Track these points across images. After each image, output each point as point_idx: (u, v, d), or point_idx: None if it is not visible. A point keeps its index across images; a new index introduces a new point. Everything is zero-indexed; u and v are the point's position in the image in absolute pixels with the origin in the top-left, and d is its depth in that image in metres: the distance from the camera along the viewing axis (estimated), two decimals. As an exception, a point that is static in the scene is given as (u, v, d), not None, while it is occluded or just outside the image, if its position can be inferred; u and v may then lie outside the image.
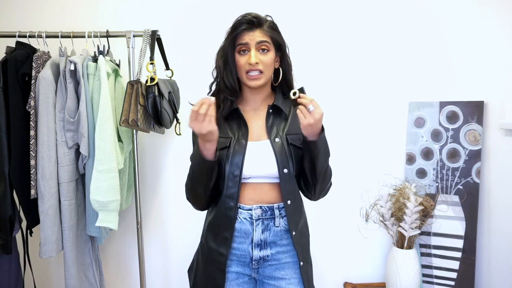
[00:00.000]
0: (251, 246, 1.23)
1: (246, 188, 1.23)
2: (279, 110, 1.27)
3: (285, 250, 1.25)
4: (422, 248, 2.00)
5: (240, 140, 1.22)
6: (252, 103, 1.30)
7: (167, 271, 2.14)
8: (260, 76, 1.21)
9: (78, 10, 1.97)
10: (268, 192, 1.23)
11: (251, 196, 1.23)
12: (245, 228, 1.22)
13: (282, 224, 1.24)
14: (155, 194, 2.10)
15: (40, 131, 1.58)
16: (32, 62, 1.60)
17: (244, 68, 1.21)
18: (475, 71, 1.95)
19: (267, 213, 1.22)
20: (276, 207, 1.23)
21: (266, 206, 1.22)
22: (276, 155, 1.20)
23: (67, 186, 1.63)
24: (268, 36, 1.22)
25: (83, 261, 1.77)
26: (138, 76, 1.66)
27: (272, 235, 1.23)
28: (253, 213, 1.22)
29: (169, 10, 2.00)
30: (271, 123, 1.25)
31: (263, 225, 1.22)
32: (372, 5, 2.00)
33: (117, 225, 1.63)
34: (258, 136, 1.25)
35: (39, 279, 1.90)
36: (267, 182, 1.23)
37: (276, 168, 1.20)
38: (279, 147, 1.21)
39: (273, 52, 1.23)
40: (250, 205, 1.22)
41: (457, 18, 1.96)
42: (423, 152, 2.01)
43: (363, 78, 2.03)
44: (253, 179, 1.22)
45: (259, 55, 1.20)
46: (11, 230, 1.63)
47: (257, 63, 1.19)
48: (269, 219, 1.22)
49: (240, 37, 1.21)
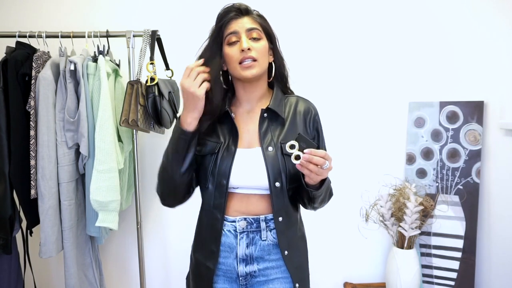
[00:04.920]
0: (236, 261, 1.11)
1: (233, 199, 1.12)
2: (275, 114, 1.13)
3: (274, 265, 1.13)
4: (422, 248, 2.00)
5: (229, 146, 1.11)
6: (246, 104, 1.17)
7: (167, 271, 2.14)
8: (254, 64, 1.08)
9: (78, 10, 1.97)
10: (256, 204, 1.12)
11: (237, 207, 1.12)
12: (229, 242, 1.11)
13: (270, 238, 1.11)
14: (155, 194, 2.07)
15: (40, 131, 1.58)
16: (32, 62, 1.60)
17: (236, 58, 1.08)
18: (475, 71, 1.95)
19: (252, 225, 1.11)
20: (262, 219, 1.11)
21: (251, 218, 1.10)
22: (268, 166, 1.08)
23: (67, 186, 1.63)
24: (258, 23, 1.11)
25: (83, 261, 1.77)
26: (138, 76, 1.66)
27: (258, 250, 1.11)
28: (237, 225, 1.11)
29: (169, 10, 2.00)
30: (265, 129, 1.12)
31: (247, 238, 1.11)
32: (372, 5, 2.00)
33: (117, 225, 1.63)
34: (249, 143, 1.13)
35: (39, 279, 1.91)
36: (256, 193, 1.12)
37: (267, 180, 1.08)
38: (271, 157, 1.08)
39: (265, 41, 1.12)
40: (235, 217, 1.11)
41: (457, 18, 1.96)
42: (423, 152, 2.01)
43: (363, 78, 2.03)
44: (241, 189, 1.11)
45: (251, 42, 1.08)
46: (11, 230, 1.64)
47: (249, 49, 1.07)
48: (255, 232, 1.11)
49: (228, 26, 1.10)
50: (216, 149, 1.11)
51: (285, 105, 1.16)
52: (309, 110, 1.17)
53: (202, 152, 1.13)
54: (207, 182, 1.12)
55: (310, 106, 1.18)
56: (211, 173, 1.10)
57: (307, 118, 1.16)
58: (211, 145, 1.12)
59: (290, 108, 1.17)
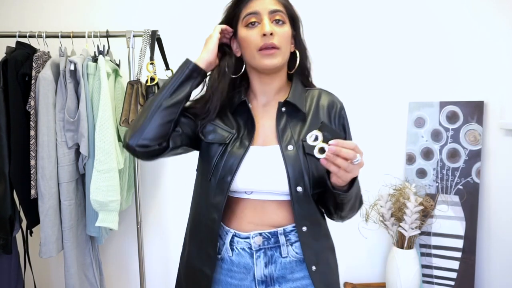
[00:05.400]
0: (254, 283, 0.95)
1: (246, 207, 0.96)
2: (294, 108, 0.98)
3: (299, 285, 0.96)
4: (422, 248, 2.00)
5: (243, 140, 0.96)
6: (262, 96, 1.03)
7: (167, 271, 2.14)
8: (276, 52, 0.93)
9: (78, 10, 1.97)
10: (273, 213, 0.96)
11: (251, 218, 0.96)
12: (245, 262, 0.95)
13: (292, 254, 0.95)
14: (155, 194, 2.10)
15: (40, 131, 1.58)
16: (32, 62, 1.60)
17: (255, 44, 0.93)
18: (475, 71, 1.95)
19: (270, 240, 0.95)
20: (281, 232, 0.95)
21: (267, 232, 0.94)
22: (288, 168, 0.92)
23: (67, 186, 1.63)
24: (282, 5, 0.96)
25: (83, 261, 1.77)
26: (138, 76, 1.66)
27: (279, 269, 0.95)
28: (251, 242, 0.95)
29: (169, 10, 2.00)
30: (284, 125, 0.97)
31: (265, 256, 0.95)
32: (372, 5, 2.00)
33: (117, 225, 1.63)
34: (264, 140, 0.98)
35: (39, 279, 1.90)
36: (273, 199, 0.96)
37: (287, 184, 0.92)
38: (292, 157, 0.93)
39: (289, 27, 0.98)
40: (248, 232, 0.95)
41: (457, 18, 1.96)
42: (423, 152, 2.01)
43: (363, 78, 2.03)
44: (256, 194, 0.95)
45: (273, 26, 0.94)
46: (11, 230, 1.64)
47: (272, 34, 0.92)
48: (273, 248, 0.95)
49: (247, 4, 0.95)
50: (227, 140, 0.96)
51: (306, 99, 1.01)
52: (334, 104, 1.02)
53: (210, 138, 0.99)
54: (209, 174, 0.96)
55: (335, 100, 1.03)
56: (216, 165, 0.95)
57: (331, 112, 1.01)
58: (222, 133, 0.98)
59: (312, 101, 1.01)
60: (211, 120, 1.00)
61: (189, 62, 0.97)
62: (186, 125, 1.01)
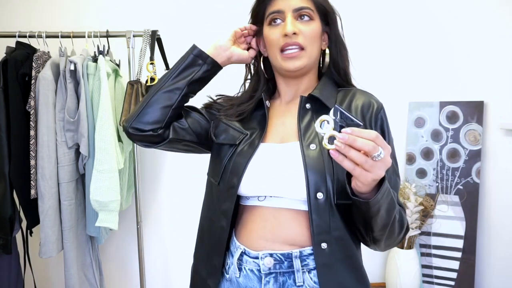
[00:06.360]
0: None
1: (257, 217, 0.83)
2: (320, 104, 0.86)
3: None
4: (422, 248, 2.00)
5: (253, 140, 0.87)
6: (286, 96, 0.94)
7: (167, 271, 2.14)
8: (300, 53, 0.85)
9: (78, 10, 1.97)
10: (287, 226, 0.80)
11: (262, 232, 0.82)
12: (252, 286, 0.82)
13: (309, 282, 0.79)
14: (155, 194, 2.10)
15: (40, 131, 1.58)
16: (32, 62, 1.60)
17: (277, 44, 0.86)
18: (475, 71, 1.95)
19: (282, 264, 0.79)
20: (296, 254, 0.79)
21: (279, 254, 0.79)
22: (307, 169, 0.78)
23: (67, 186, 1.63)
24: (310, 1, 0.87)
25: (83, 261, 1.77)
26: (138, 76, 1.66)
27: None
28: (260, 264, 0.81)
29: (169, 10, 2.00)
30: (308, 123, 0.85)
31: (276, 283, 0.80)
32: (372, 5, 2.00)
33: (117, 225, 1.63)
34: (282, 138, 0.87)
35: (39, 279, 1.90)
36: (288, 208, 0.81)
37: (305, 189, 0.77)
38: (313, 158, 0.79)
39: (319, 23, 0.88)
40: (258, 250, 0.81)
41: (457, 18, 1.96)
42: (423, 152, 2.01)
43: (363, 78, 2.02)
44: (269, 201, 0.82)
45: (299, 24, 0.85)
46: (11, 230, 1.63)
47: (295, 33, 0.84)
48: (286, 274, 0.79)
49: (271, 4, 0.88)
50: (238, 141, 0.88)
51: (337, 97, 0.90)
52: (371, 104, 0.88)
53: (221, 139, 0.92)
54: (218, 178, 0.88)
55: (372, 99, 0.89)
56: (225, 168, 0.86)
57: (367, 114, 0.86)
58: (233, 134, 0.90)
59: (344, 100, 0.89)
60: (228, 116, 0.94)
61: (194, 48, 0.93)
62: (196, 121, 0.96)
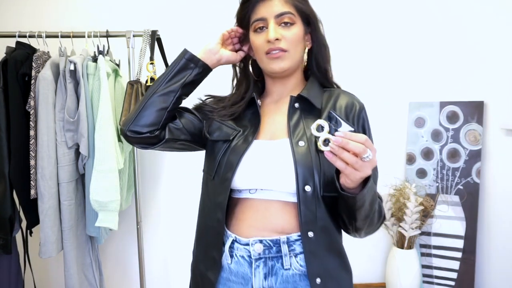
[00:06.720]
0: None
1: (248, 208, 0.90)
2: (308, 104, 0.94)
3: None
4: (422, 248, 2.00)
5: (247, 137, 0.93)
6: (275, 95, 1.01)
7: (167, 271, 2.14)
8: (283, 55, 0.91)
9: (78, 10, 1.97)
10: (277, 216, 0.88)
11: (252, 221, 0.89)
12: (243, 271, 0.89)
13: (296, 266, 0.87)
14: (155, 194, 2.10)
15: (40, 131, 1.58)
16: (32, 62, 1.60)
17: (262, 49, 0.93)
18: (475, 71, 1.95)
19: (271, 249, 0.87)
20: (284, 240, 0.86)
21: (268, 240, 0.87)
22: (296, 164, 0.85)
23: (67, 186, 1.63)
24: (291, 5, 0.93)
25: (83, 261, 1.77)
26: (138, 76, 1.66)
27: (280, 282, 0.87)
28: (251, 250, 0.88)
29: (169, 10, 2.00)
30: (297, 121, 0.92)
31: (265, 267, 0.87)
32: (372, 5, 2.00)
33: (116, 225, 1.63)
34: (273, 134, 0.93)
35: (39, 279, 1.90)
36: (278, 200, 0.88)
37: (294, 182, 0.85)
38: (302, 154, 0.86)
39: (301, 26, 0.94)
40: (248, 238, 0.88)
41: (457, 18, 1.96)
42: (423, 152, 2.01)
43: (363, 78, 2.03)
44: (260, 193, 0.89)
45: (281, 30, 0.91)
46: (11, 230, 1.63)
47: (278, 39, 0.90)
48: (275, 258, 0.87)
49: (254, 11, 0.94)
50: (231, 137, 0.94)
51: (322, 97, 0.97)
52: (353, 105, 0.95)
53: (215, 136, 0.97)
54: (213, 172, 0.94)
55: (355, 100, 0.97)
56: (219, 163, 0.92)
57: (350, 113, 0.94)
58: (227, 130, 0.96)
59: (329, 100, 0.96)
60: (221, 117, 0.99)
61: (186, 52, 0.99)
62: (190, 121, 1.01)
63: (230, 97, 1.04)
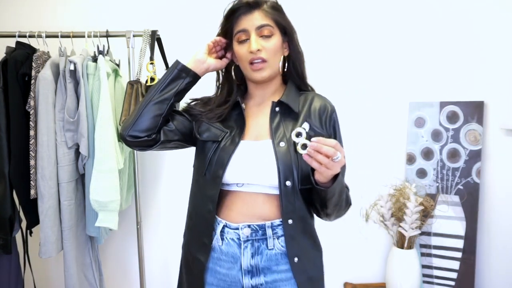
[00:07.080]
0: (241, 272, 1.02)
1: (236, 199, 1.03)
2: (287, 108, 1.06)
3: (284, 277, 1.03)
4: (422, 248, 2.00)
5: (234, 137, 1.05)
6: (257, 98, 1.13)
7: (167, 271, 2.14)
8: (264, 65, 1.03)
9: (78, 10, 1.97)
10: (262, 206, 1.02)
11: (241, 209, 1.03)
12: (233, 252, 1.02)
13: (278, 247, 1.02)
14: (155, 194, 2.10)
15: (40, 131, 1.58)
16: (32, 62, 1.60)
17: (245, 58, 1.04)
18: (475, 71, 1.95)
19: (257, 233, 1.01)
20: (268, 225, 1.01)
21: (255, 225, 1.01)
22: (278, 163, 0.99)
23: (67, 186, 1.63)
24: (270, 19, 1.04)
25: (83, 261, 1.77)
26: (138, 76, 1.66)
27: (265, 260, 1.02)
28: (240, 233, 1.02)
29: (169, 10, 2.00)
30: (277, 124, 1.05)
31: (252, 247, 1.02)
32: (372, 5, 2.00)
33: (116, 225, 1.63)
34: (257, 136, 1.06)
35: (39, 279, 1.90)
36: (263, 192, 1.02)
37: (276, 177, 0.99)
38: (282, 153, 1.00)
39: (279, 37, 1.06)
40: (238, 223, 1.02)
41: (457, 18, 1.96)
42: (423, 152, 2.01)
43: (363, 78, 2.03)
44: (247, 187, 1.02)
45: (261, 41, 1.03)
46: (11, 230, 1.64)
47: (259, 50, 1.02)
48: (261, 240, 1.02)
49: (237, 23, 1.05)
50: (220, 138, 1.06)
51: (299, 101, 1.10)
52: (326, 107, 1.08)
53: (204, 137, 1.08)
54: (204, 169, 1.05)
55: (327, 103, 1.10)
56: (210, 161, 1.04)
57: (323, 115, 1.07)
58: (215, 132, 1.07)
59: (305, 103, 1.09)
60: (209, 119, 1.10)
61: (178, 63, 1.10)
62: (181, 123, 1.12)
63: (215, 99, 1.14)
